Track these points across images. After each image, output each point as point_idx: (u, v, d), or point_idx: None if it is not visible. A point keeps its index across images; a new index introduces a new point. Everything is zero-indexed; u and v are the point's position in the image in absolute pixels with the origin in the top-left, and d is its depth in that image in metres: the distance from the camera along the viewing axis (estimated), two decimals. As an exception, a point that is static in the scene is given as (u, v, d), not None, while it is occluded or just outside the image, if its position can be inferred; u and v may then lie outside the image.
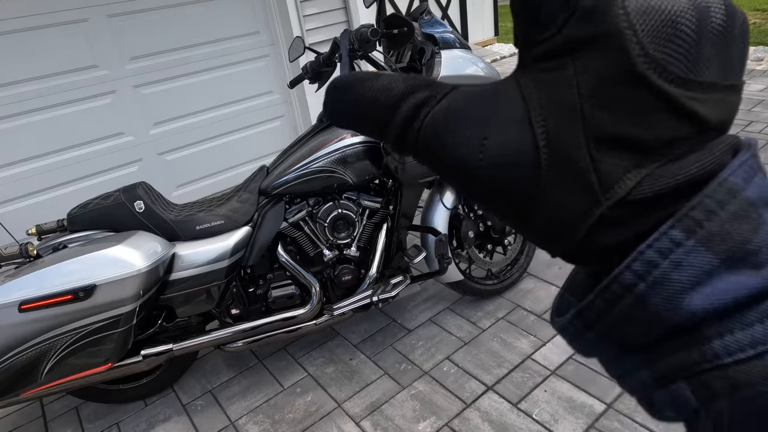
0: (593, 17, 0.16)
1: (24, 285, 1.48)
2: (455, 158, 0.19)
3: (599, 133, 0.17)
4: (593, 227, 0.17)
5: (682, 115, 0.16)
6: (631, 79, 0.16)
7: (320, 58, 1.93)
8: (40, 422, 1.94)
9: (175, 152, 3.43)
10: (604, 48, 0.16)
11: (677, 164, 0.16)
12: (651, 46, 0.16)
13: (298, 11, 3.45)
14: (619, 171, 0.17)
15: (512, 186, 0.18)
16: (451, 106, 0.19)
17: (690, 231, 0.15)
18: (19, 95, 2.80)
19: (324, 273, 1.92)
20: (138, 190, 1.75)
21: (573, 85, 0.17)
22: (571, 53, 0.17)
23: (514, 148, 0.18)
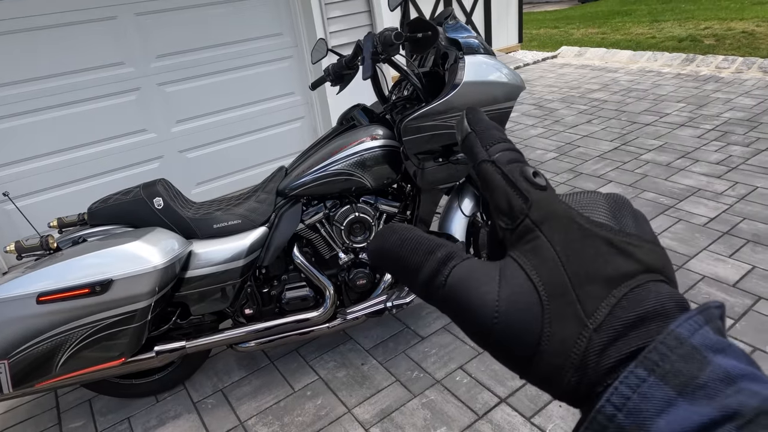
0: (545, 204, 0.24)
1: (43, 277, 1.49)
2: (474, 314, 0.24)
3: (576, 273, 0.23)
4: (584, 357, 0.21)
5: (626, 255, 0.23)
6: (585, 233, 0.23)
7: (342, 61, 1.92)
8: (54, 413, 1.96)
9: (196, 150, 3.46)
10: (560, 221, 0.24)
11: (639, 296, 0.22)
12: (587, 213, 0.24)
13: (322, 13, 3.46)
14: (596, 300, 0.22)
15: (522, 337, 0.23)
16: (471, 268, 0.25)
17: (650, 369, 0.20)
18: (48, 90, 2.86)
19: (338, 276, 1.91)
20: (157, 187, 1.76)
21: (549, 247, 0.23)
22: (539, 228, 0.24)
23: (522, 300, 0.23)
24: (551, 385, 0.23)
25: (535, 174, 0.26)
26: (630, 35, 7.71)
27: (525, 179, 0.25)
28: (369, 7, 3.66)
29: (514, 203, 0.25)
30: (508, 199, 0.25)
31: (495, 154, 0.27)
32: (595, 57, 6.38)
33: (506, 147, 0.28)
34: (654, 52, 5.93)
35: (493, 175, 0.26)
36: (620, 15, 9.89)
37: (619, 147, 3.68)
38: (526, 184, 0.25)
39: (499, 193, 0.26)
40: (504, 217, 0.26)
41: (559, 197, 0.25)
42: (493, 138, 0.28)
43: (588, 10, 11.38)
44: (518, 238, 0.25)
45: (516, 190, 0.25)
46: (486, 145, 0.28)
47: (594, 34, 8.25)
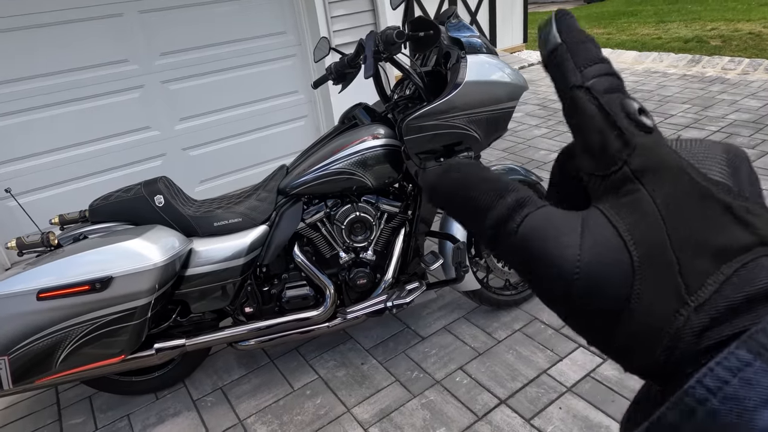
0: (651, 151, 0.20)
1: (43, 274, 1.50)
2: (551, 269, 0.20)
3: (681, 240, 0.19)
4: (678, 335, 0.19)
5: (744, 224, 0.19)
6: (699, 193, 0.20)
7: (345, 60, 1.92)
8: (54, 409, 1.96)
9: (199, 148, 3.46)
10: (669, 173, 0.20)
11: (750, 274, 0.18)
12: (703, 168, 0.20)
13: (326, 12, 3.46)
14: (703, 276, 0.19)
15: (604, 298, 0.20)
16: (549, 215, 0.21)
17: (756, 353, 0.17)
18: (51, 87, 2.87)
19: (339, 275, 1.91)
20: (159, 185, 1.76)
21: (651, 203, 0.20)
22: (640, 179, 0.20)
23: (609, 261, 0.20)
24: (632, 361, 0.20)
25: (641, 111, 0.22)
26: (636, 36, 7.67)
27: (627, 116, 0.21)
28: (373, 6, 3.65)
29: (611, 145, 0.21)
30: (603, 139, 0.21)
31: (591, 79, 0.22)
32: (600, 57, 6.35)
33: (605, 70, 0.23)
34: (660, 53, 5.90)
35: (586, 105, 0.22)
36: (626, 15, 9.85)
37: (623, 148, 3.65)
38: (628, 123, 0.21)
39: (591, 131, 0.22)
40: (595, 160, 0.22)
41: (667, 143, 0.21)
42: (590, 56, 0.23)
43: (593, 10, 11.32)
44: (610, 188, 0.21)
45: (615, 128, 0.21)
46: (580, 65, 0.23)
47: (599, 35, 8.22)
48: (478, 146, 1.81)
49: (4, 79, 2.75)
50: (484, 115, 1.73)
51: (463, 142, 1.77)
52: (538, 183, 2.16)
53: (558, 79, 0.23)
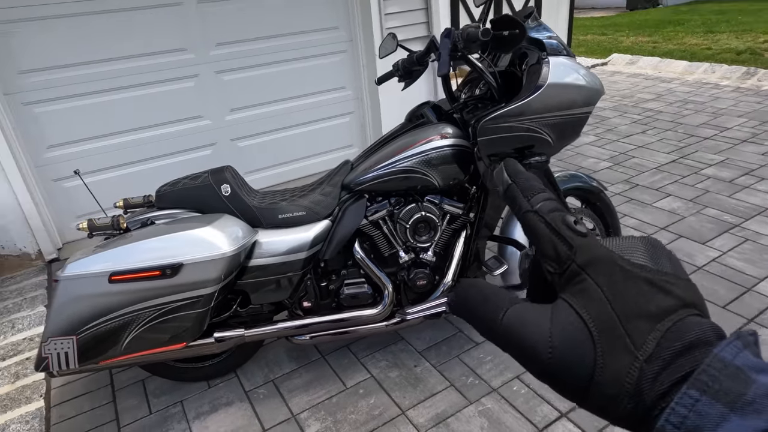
0: (588, 249, 0.27)
1: (115, 257, 1.51)
2: (529, 352, 0.27)
3: (624, 311, 0.25)
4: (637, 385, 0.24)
5: (666, 292, 0.25)
6: (627, 275, 0.26)
7: (413, 56, 1.89)
8: (108, 390, 1.99)
9: (247, 139, 3.48)
10: (603, 263, 0.26)
11: (682, 328, 0.24)
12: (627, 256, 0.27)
13: (380, 9, 3.44)
14: (644, 334, 0.24)
15: (575, 371, 0.25)
16: (525, 309, 0.28)
17: (702, 390, 0.22)
18: (112, 72, 2.92)
19: (397, 275, 1.88)
20: (225, 174, 1.76)
21: (596, 287, 0.26)
22: (585, 271, 0.27)
23: (575, 337, 0.26)
24: (608, 413, 0.25)
25: (575, 222, 0.28)
26: (683, 45, 7.46)
27: (567, 227, 0.28)
28: (426, 5, 3.61)
29: (560, 250, 0.28)
30: (554, 246, 0.28)
31: (537, 204, 0.29)
32: (648, 66, 6.19)
33: (547, 197, 0.30)
34: (711, 64, 5.72)
35: (537, 224, 0.29)
36: (672, 24, 9.58)
37: (677, 160, 3.55)
38: (569, 232, 0.28)
39: (545, 241, 0.28)
40: (552, 262, 0.28)
41: (599, 242, 0.27)
42: (534, 189, 0.30)
43: (636, 17, 11.07)
44: (566, 281, 0.27)
45: (560, 237, 0.28)
46: (527, 195, 0.30)
47: (644, 43, 8.01)
48: (550, 151, 1.76)
49: (67, 63, 2.81)
50: (561, 119, 1.68)
51: (535, 146, 1.72)
52: (602, 191, 2.10)
53: (514, 208, 0.31)
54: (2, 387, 2.02)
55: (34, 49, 2.72)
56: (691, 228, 2.69)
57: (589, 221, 2.13)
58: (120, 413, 1.87)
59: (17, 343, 2.27)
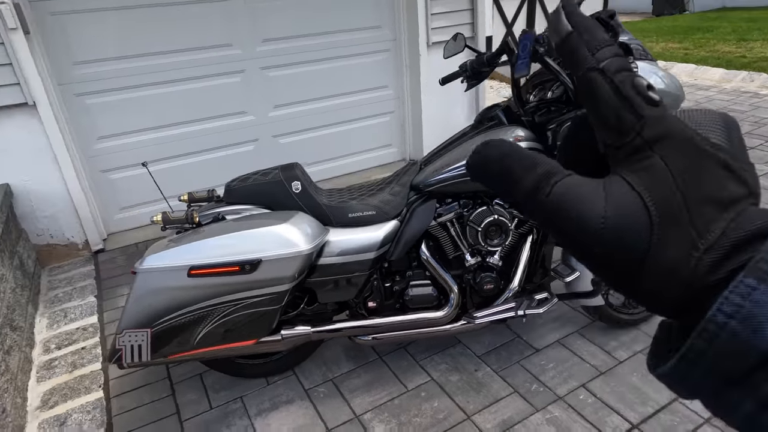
0: (660, 122, 0.24)
1: (194, 251, 1.50)
2: (581, 223, 0.23)
3: (691, 196, 0.23)
4: (693, 272, 0.22)
5: (739, 180, 0.23)
6: (702, 154, 0.23)
7: (483, 57, 1.86)
8: (166, 383, 1.99)
9: (289, 136, 3.48)
10: (676, 140, 0.23)
11: (745, 218, 0.22)
12: (704, 133, 0.24)
13: (427, 8, 3.41)
14: (709, 223, 0.22)
15: (628, 247, 0.23)
16: (575, 182, 0.24)
17: (760, 278, 0.20)
18: (162, 65, 2.93)
19: (463, 278, 1.86)
20: (296, 171, 1.75)
21: (663, 166, 0.23)
22: (652, 147, 0.24)
23: (631, 216, 0.23)
24: (657, 300, 0.23)
25: (649, 87, 0.24)
26: (716, 53, 7.35)
27: (638, 92, 0.24)
28: (472, 6, 3.58)
29: (625, 119, 0.24)
30: (618, 113, 0.24)
31: (603, 61, 0.25)
32: (683, 73, 6.11)
33: (615, 52, 0.25)
34: (749, 73, 5.63)
35: (601, 85, 0.25)
36: (701, 31, 9.45)
37: (723, 169, 3.48)
38: (639, 99, 0.24)
39: (607, 107, 0.25)
40: (612, 132, 0.25)
41: (674, 115, 0.24)
42: (600, 40, 0.25)
43: (664, 23, 10.94)
44: (627, 156, 0.24)
45: (628, 104, 0.24)
46: (592, 48, 0.25)
47: (675, 49, 7.91)
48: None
49: (119, 56, 2.82)
50: (643, 124, 1.64)
51: (612, 151, 1.69)
52: None
53: (572, 63, 0.26)
54: (60, 376, 2.03)
55: (89, 40, 2.73)
56: (747, 239, 2.64)
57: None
58: (180, 407, 1.87)
59: (71, 333, 2.28)
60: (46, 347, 2.19)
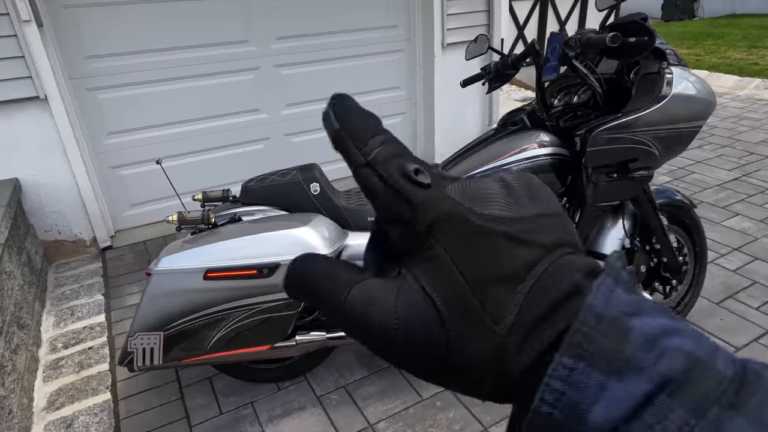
0: (434, 207, 0.23)
1: (210, 253, 1.46)
2: (376, 326, 0.23)
3: (475, 280, 0.22)
4: (500, 359, 0.21)
5: (527, 243, 0.22)
6: (480, 233, 0.22)
7: (508, 60, 1.81)
8: (175, 386, 1.94)
9: (300, 135, 3.43)
10: (452, 223, 0.22)
11: (546, 281, 0.21)
12: (479, 207, 0.22)
13: (443, 9, 3.37)
14: (502, 304, 0.21)
15: (426, 345, 0.22)
16: (370, 285, 0.24)
17: (577, 356, 0.19)
18: (175, 61, 2.89)
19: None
20: (314, 172, 1.71)
21: (443, 254, 0.22)
22: (432, 235, 0.22)
23: (421, 315, 0.22)
24: (478, 391, 0.23)
25: (416, 171, 0.23)
26: (728, 59, 7.29)
27: (407, 179, 0.23)
28: (488, 7, 3.54)
29: (398, 210, 0.23)
30: (391, 206, 0.24)
31: (371, 153, 0.24)
32: (695, 79, 6.05)
33: (382, 141, 0.24)
34: (763, 80, 5.57)
35: (371, 180, 0.24)
36: (712, 37, 9.39)
37: (740, 178, 3.43)
38: (409, 185, 0.23)
39: (381, 201, 0.24)
40: (392, 227, 0.24)
41: (446, 194, 0.23)
42: (367, 132, 0.25)
43: (674, 29, 10.87)
44: (411, 247, 0.24)
45: (398, 194, 0.23)
46: (359, 143, 0.24)
47: (686, 55, 7.85)
48: (656, 164, 1.68)
49: (132, 50, 2.78)
50: (674, 132, 1.60)
51: (640, 159, 1.65)
52: (691, 207, 2.01)
53: (346, 160, 0.25)
54: (67, 376, 1.99)
55: (102, 34, 2.69)
56: (767, 250, 2.59)
57: (673, 233, 2.04)
58: (190, 411, 1.83)
59: (78, 332, 2.24)
60: (52, 346, 2.15)
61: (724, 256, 2.57)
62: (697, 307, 2.15)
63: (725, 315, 2.15)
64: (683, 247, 2.01)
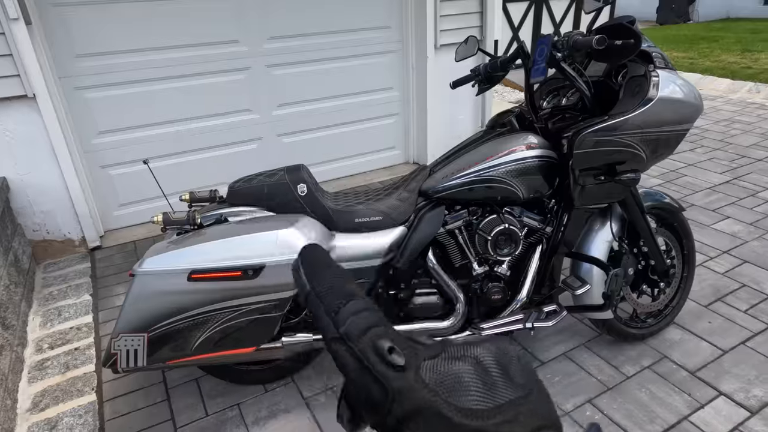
0: (408, 396, 0.24)
1: (195, 254, 1.45)
2: None
3: None
4: None
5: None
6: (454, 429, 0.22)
7: (497, 62, 1.82)
8: (162, 387, 1.93)
9: (293, 136, 3.43)
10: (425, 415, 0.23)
11: None
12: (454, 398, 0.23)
13: (436, 10, 3.37)
14: None
15: None
16: None
17: None
18: (166, 60, 2.87)
19: (470, 287, 1.81)
20: (302, 173, 1.70)
21: None
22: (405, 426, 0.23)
23: None
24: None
25: (390, 349, 0.23)
26: (721, 63, 7.32)
27: (380, 359, 0.23)
28: (481, 8, 3.54)
29: (374, 397, 0.23)
30: (367, 391, 0.23)
31: (344, 323, 0.23)
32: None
33: (356, 308, 0.24)
34: (756, 84, 5.60)
35: (345, 358, 0.23)
36: (706, 41, 9.44)
37: (731, 181, 3.45)
38: (383, 367, 0.23)
39: (356, 384, 0.23)
40: (367, 410, 0.23)
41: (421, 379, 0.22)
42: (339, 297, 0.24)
43: (668, 32, 10.92)
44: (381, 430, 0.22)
45: (372, 376, 0.23)
46: (332, 309, 0.24)
47: (680, 58, 7.89)
48: (643, 168, 1.68)
49: (122, 49, 2.77)
50: (660, 135, 1.60)
51: (627, 162, 1.65)
52: (680, 211, 2.01)
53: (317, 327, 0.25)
54: (53, 377, 1.97)
55: (91, 33, 2.67)
56: (756, 253, 2.60)
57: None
58: (175, 413, 1.81)
59: (65, 332, 2.22)
60: (38, 347, 2.14)
61: (714, 258, 2.57)
62: (685, 309, 2.16)
63: (713, 318, 2.15)
64: (671, 249, 2.01)
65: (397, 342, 0.23)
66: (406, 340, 0.22)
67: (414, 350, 0.22)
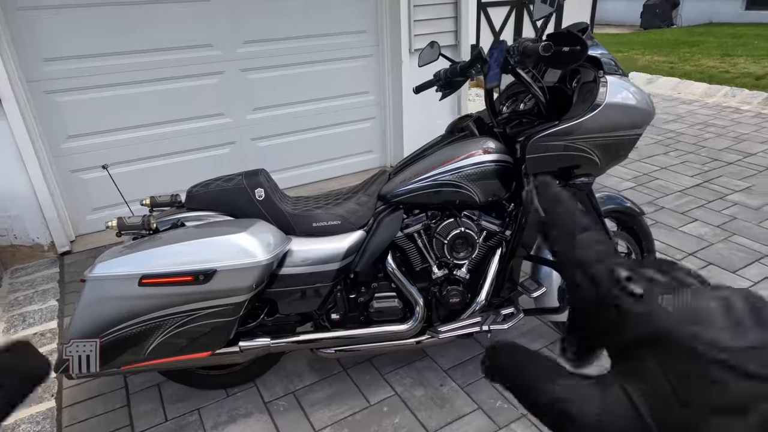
0: (647, 321, 0.22)
1: (146, 259, 1.45)
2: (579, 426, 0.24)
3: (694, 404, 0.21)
4: None
5: (748, 377, 0.21)
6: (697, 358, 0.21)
7: (457, 67, 1.83)
8: (122, 393, 1.92)
9: (267, 140, 3.43)
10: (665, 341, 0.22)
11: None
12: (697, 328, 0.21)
13: (409, 15, 3.39)
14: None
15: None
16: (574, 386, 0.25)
17: None
18: (137, 64, 2.86)
19: (429, 291, 1.82)
20: (260, 177, 1.70)
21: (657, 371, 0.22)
22: (643, 348, 0.23)
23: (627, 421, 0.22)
24: None
25: (629, 278, 0.23)
26: (700, 67, 7.43)
27: (620, 287, 0.23)
28: (456, 14, 3.57)
29: (610, 320, 0.23)
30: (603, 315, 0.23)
31: (580, 250, 0.24)
32: (666, 86, 6.16)
33: (592, 238, 0.24)
34: (731, 88, 5.68)
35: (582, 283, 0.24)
36: (687, 45, 9.56)
37: (701, 184, 3.50)
38: (622, 294, 0.23)
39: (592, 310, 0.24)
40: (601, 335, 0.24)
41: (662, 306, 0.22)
42: (576, 225, 0.24)
43: (651, 36, 11.05)
44: (620, 354, 0.24)
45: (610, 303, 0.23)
46: (568, 236, 0.24)
47: (661, 62, 7.98)
48: (597, 172, 1.71)
49: (92, 53, 2.75)
50: (612, 140, 1.63)
51: (582, 166, 1.67)
52: (640, 215, 2.04)
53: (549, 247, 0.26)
54: (12, 384, 1.95)
55: (60, 37, 2.66)
56: (721, 255, 2.64)
57: (624, 243, 2.07)
58: (134, 418, 1.81)
59: (28, 338, 2.20)
60: None
61: (679, 261, 2.61)
62: (646, 311, 2.18)
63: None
64: (631, 253, 2.04)
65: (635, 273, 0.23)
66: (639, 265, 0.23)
67: (647, 279, 0.23)
